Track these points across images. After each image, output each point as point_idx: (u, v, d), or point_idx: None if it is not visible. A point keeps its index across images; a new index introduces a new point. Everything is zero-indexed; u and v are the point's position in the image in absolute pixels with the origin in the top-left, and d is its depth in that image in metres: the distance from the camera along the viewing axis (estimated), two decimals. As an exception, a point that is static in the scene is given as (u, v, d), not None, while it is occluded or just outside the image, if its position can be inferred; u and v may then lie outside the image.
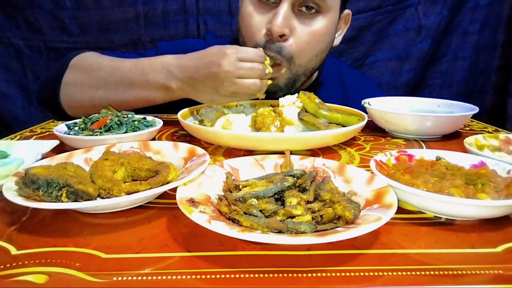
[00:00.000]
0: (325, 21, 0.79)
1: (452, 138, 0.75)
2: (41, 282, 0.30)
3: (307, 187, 0.43)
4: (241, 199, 0.40)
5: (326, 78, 1.00)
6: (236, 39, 0.90)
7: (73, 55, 0.85)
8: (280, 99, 0.74)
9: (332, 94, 0.97)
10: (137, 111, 0.75)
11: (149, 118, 0.72)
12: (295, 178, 0.43)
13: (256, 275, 0.31)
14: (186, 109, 0.77)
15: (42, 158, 0.50)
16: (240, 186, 0.42)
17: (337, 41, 0.90)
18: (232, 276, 0.31)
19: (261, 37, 0.78)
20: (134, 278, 0.31)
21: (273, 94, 0.81)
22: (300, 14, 0.77)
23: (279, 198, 0.41)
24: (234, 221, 0.36)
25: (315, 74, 0.97)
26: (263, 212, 0.38)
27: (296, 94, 0.73)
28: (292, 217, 0.36)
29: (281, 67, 0.79)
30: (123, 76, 0.77)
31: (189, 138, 0.71)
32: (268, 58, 0.70)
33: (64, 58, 0.85)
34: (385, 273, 0.31)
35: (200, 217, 0.34)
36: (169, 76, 0.72)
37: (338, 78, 1.04)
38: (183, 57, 0.72)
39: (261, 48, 0.72)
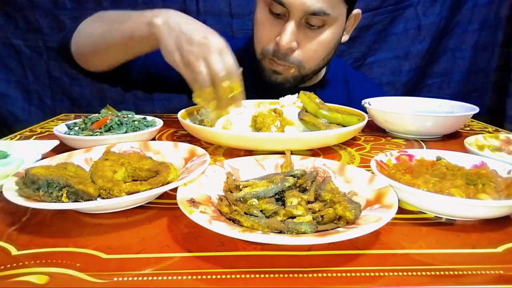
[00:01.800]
0: (331, 30, 0.81)
1: (452, 138, 0.75)
2: (42, 282, 0.30)
3: (307, 187, 0.43)
4: (241, 199, 0.40)
5: (333, 77, 1.02)
6: (249, 38, 0.93)
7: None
8: (280, 99, 0.74)
9: (338, 93, 1.00)
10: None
11: (149, 118, 0.72)
12: (296, 178, 0.43)
13: (257, 276, 0.31)
14: (186, 109, 0.77)
15: (42, 158, 0.50)
16: (241, 186, 0.42)
17: (344, 38, 0.91)
18: (233, 276, 0.31)
19: (270, 46, 0.82)
20: (135, 278, 0.30)
21: (282, 85, 0.86)
22: (307, 27, 0.79)
23: (280, 198, 0.41)
24: (234, 221, 0.36)
25: (323, 72, 0.99)
26: (263, 212, 0.38)
27: (297, 94, 0.74)
28: (293, 217, 0.36)
29: (291, 68, 0.84)
30: (125, 13, 0.77)
31: (189, 138, 0.71)
32: (239, 86, 0.64)
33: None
34: (386, 273, 0.31)
35: (200, 217, 0.34)
36: (161, 13, 0.69)
37: (344, 78, 1.05)
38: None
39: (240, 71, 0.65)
